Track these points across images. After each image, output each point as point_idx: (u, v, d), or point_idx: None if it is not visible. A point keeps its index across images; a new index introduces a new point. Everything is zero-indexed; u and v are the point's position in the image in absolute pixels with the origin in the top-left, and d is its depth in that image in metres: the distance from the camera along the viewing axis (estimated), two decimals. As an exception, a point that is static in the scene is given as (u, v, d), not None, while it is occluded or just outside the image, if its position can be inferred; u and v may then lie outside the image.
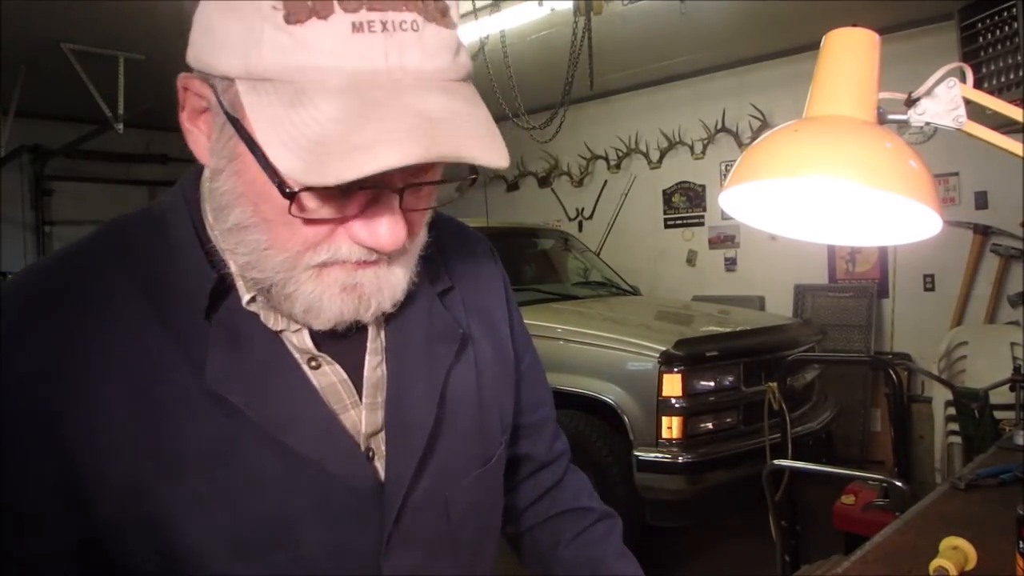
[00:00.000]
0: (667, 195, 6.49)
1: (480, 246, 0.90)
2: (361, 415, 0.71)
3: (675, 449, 3.33)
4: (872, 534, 1.40)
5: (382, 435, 0.71)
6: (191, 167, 0.72)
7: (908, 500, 2.35)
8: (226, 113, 0.57)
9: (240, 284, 0.65)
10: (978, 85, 0.79)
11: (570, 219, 7.11)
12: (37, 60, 4.76)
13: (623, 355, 3.50)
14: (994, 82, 4.02)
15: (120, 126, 4.97)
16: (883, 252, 5.28)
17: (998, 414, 3.27)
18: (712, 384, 3.48)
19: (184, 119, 0.63)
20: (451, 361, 0.76)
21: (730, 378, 3.52)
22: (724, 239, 6.16)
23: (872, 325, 5.25)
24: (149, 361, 0.62)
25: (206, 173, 0.66)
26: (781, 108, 5.51)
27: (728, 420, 3.49)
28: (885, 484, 2.88)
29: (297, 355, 0.68)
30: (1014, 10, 3.90)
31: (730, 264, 6.14)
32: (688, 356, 3.37)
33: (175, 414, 0.62)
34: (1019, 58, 3.91)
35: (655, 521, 3.42)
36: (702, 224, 6.29)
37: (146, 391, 0.62)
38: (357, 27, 0.52)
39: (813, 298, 5.60)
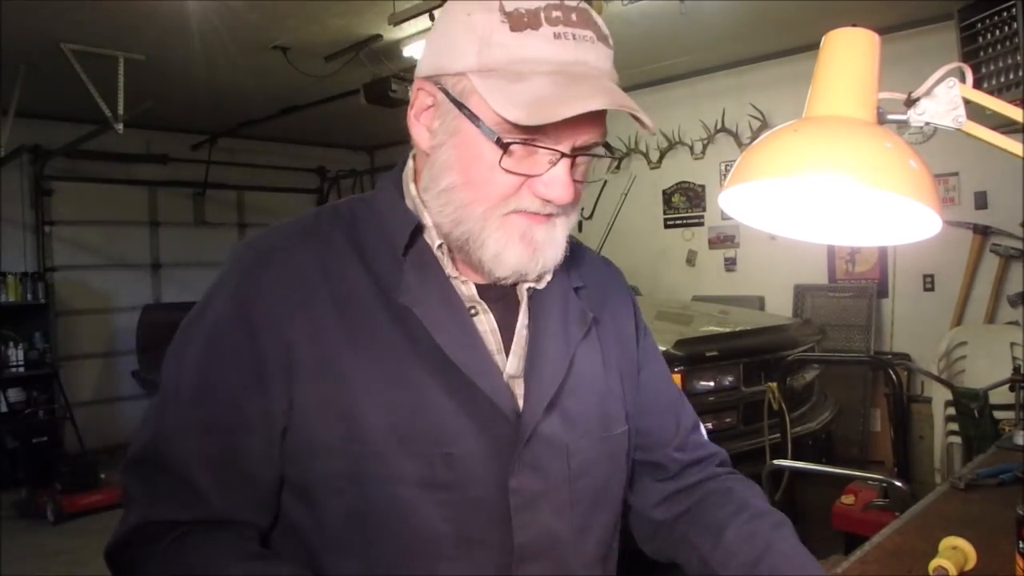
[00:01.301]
0: (667, 195, 6.49)
1: (609, 267, 1.09)
2: (506, 360, 0.88)
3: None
4: (872, 534, 1.40)
5: (520, 380, 0.87)
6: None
7: (908, 500, 2.35)
8: (454, 101, 0.80)
9: (433, 232, 0.86)
10: (978, 85, 0.79)
11: (570, 219, 7.11)
12: (37, 60, 4.76)
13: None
14: (994, 82, 4.02)
15: (120, 126, 4.96)
16: (883, 252, 5.28)
17: (998, 414, 3.27)
18: (712, 384, 3.48)
19: (412, 115, 0.86)
20: (580, 338, 0.92)
21: (730, 378, 3.52)
22: (724, 239, 6.16)
23: (872, 325, 5.25)
24: (354, 289, 0.84)
25: (409, 169, 0.91)
26: (781, 108, 5.51)
27: (728, 420, 3.49)
28: (885, 484, 2.88)
29: (464, 300, 0.87)
30: (1014, 10, 3.90)
31: (730, 264, 6.14)
32: (688, 356, 3.37)
33: (369, 326, 0.82)
34: (1019, 58, 3.91)
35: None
36: (702, 224, 6.29)
37: (350, 308, 0.83)
38: (557, 36, 0.77)
39: (813, 298, 5.60)
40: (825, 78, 0.79)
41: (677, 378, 3.33)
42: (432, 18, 4.20)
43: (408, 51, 4.79)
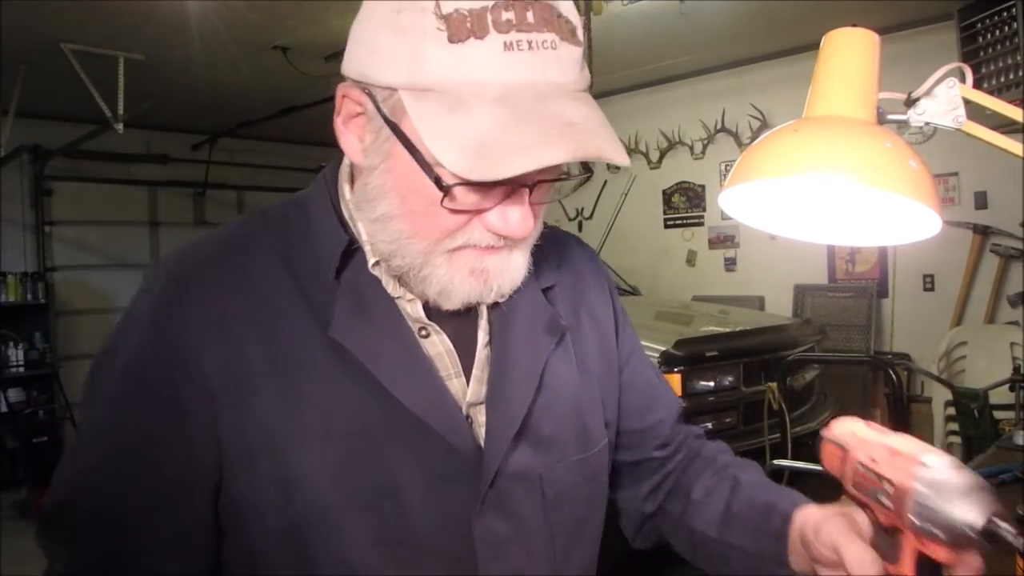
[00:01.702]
0: (667, 195, 6.49)
1: (582, 251, 0.96)
2: (465, 385, 0.78)
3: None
4: (872, 534, 1.40)
5: (482, 407, 0.77)
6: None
7: (908, 500, 2.34)
8: (385, 118, 0.67)
9: (367, 249, 0.75)
10: (978, 85, 0.79)
11: (570, 219, 7.11)
12: (37, 60, 4.75)
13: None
14: (994, 82, 4.02)
15: (120, 126, 4.96)
16: (883, 252, 5.28)
17: (998, 414, 3.27)
18: (712, 384, 3.48)
19: (339, 122, 0.72)
20: (551, 350, 0.82)
21: (730, 378, 3.52)
22: (724, 239, 6.16)
23: (872, 325, 5.25)
24: (282, 316, 0.72)
25: (345, 166, 0.79)
26: (781, 108, 5.51)
27: (728, 420, 3.49)
28: (885, 484, 2.88)
29: (410, 322, 0.76)
30: (1014, 10, 3.90)
31: (730, 264, 6.14)
32: (688, 356, 3.37)
33: (300, 360, 0.71)
34: (1019, 58, 3.91)
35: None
36: (702, 224, 6.29)
37: (277, 340, 0.72)
38: (508, 46, 0.62)
39: (813, 298, 5.60)
40: (825, 78, 0.79)
41: (677, 378, 3.33)
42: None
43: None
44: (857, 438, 0.68)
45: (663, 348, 3.38)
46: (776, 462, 2.84)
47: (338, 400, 0.71)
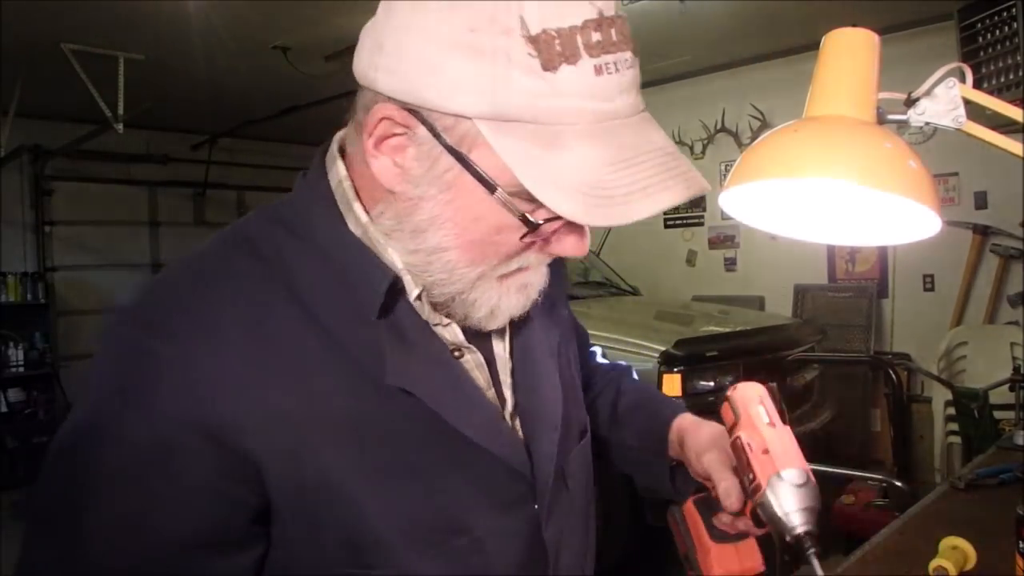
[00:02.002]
0: (667, 195, 6.48)
1: None
2: (496, 396, 0.75)
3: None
4: (872, 534, 1.40)
5: (516, 415, 0.76)
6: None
7: (908, 500, 2.35)
8: (450, 149, 0.60)
9: (408, 280, 0.68)
10: (977, 85, 0.79)
11: (570, 219, 7.10)
12: (37, 60, 4.75)
13: (623, 355, 3.50)
14: (993, 82, 4.02)
15: (120, 126, 4.96)
16: (883, 252, 5.28)
17: (998, 414, 3.27)
18: (712, 384, 3.47)
19: (369, 144, 0.64)
20: (557, 341, 0.82)
21: (730, 378, 3.52)
22: (724, 239, 6.16)
23: (872, 325, 5.24)
24: (312, 359, 0.63)
25: (344, 182, 0.69)
26: (781, 108, 5.50)
27: (728, 420, 3.48)
28: (885, 484, 2.88)
29: (447, 345, 0.72)
30: (1014, 10, 3.90)
31: (730, 264, 6.14)
32: (688, 356, 3.37)
33: (355, 410, 0.64)
34: (1019, 58, 3.91)
35: (657, 522, 3.42)
36: (702, 224, 6.29)
37: (314, 393, 0.63)
38: (599, 70, 0.57)
39: (813, 298, 5.59)
40: (825, 78, 0.79)
41: (677, 378, 3.33)
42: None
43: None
44: (748, 416, 0.80)
45: (663, 348, 3.38)
46: (776, 462, 2.83)
47: (403, 449, 0.66)
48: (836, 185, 0.73)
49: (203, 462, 0.60)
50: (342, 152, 0.71)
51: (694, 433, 0.89)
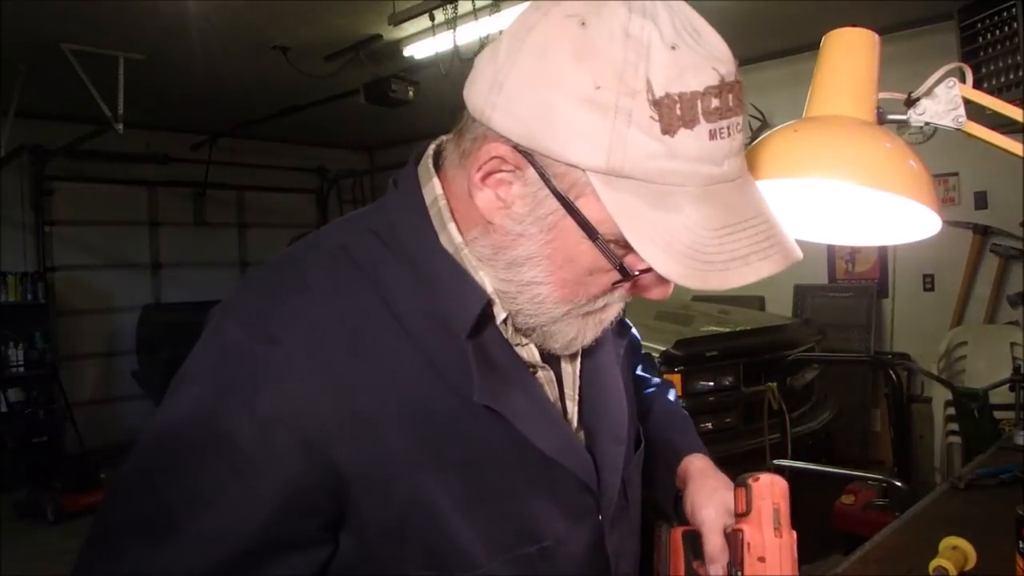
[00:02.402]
0: (667, 195, 6.48)
1: None
2: (568, 409, 0.77)
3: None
4: (872, 534, 1.40)
5: (581, 428, 0.78)
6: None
7: (908, 500, 2.35)
8: (559, 196, 0.62)
9: (497, 304, 0.69)
10: (978, 85, 0.79)
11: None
12: (37, 60, 4.75)
13: (623, 355, 3.50)
14: (994, 82, 4.02)
15: (120, 126, 4.96)
16: (883, 252, 5.28)
17: (998, 414, 3.27)
18: (711, 384, 3.47)
19: (477, 177, 0.65)
20: (620, 353, 0.83)
21: (729, 378, 3.52)
22: (724, 239, 6.15)
23: (872, 325, 5.24)
24: (405, 374, 0.66)
25: (440, 199, 0.70)
26: (781, 108, 5.50)
27: (728, 420, 3.49)
28: (885, 484, 2.88)
29: (525, 363, 0.73)
30: (1014, 10, 3.90)
31: (730, 264, 6.13)
32: (688, 356, 3.37)
33: (440, 428, 0.66)
34: (1019, 58, 3.91)
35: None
36: (702, 224, 6.28)
37: (414, 410, 0.65)
38: (713, 134, 0.59)
39: (813, 298, 5.59)
40: (825, 78, 0.79)
41: (677, 378, 3.33)
42: (432, 18, 4.20)
43: (408, 51, 4.79)
44: (759, 516, 0.80)
45: (663, 348, 3.37)
46: (776, 462, 2.84)
47: (484, 463, 0.68)
48: (836, 185, 0.73)
49: (293, 466, 0.62)
50: (437, 165, 0.72)
51: (699, 483, 0.91)
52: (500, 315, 0.70)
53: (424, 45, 4.63)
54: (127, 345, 6.60)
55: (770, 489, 0.80)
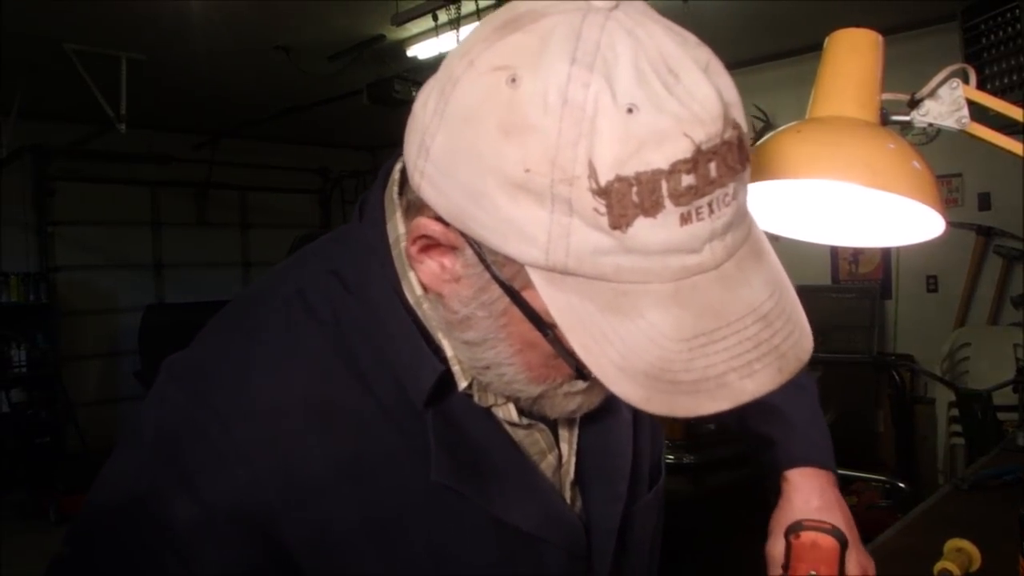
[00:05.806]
0: (669, 196, 6.48)
1: None
2: (568, 458, 0.68)
3: (678, 451, 3.32)
4: (875, 535, 1.40)
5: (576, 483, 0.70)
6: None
7: (911, 501, 2.34)
8: (501, 283, 0.52)
9: (457, 370, 0.61)
10: (981, 86, 0.79)
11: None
12: (39, 60, 4.76)
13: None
14: (997, 83, 4.01)
15: (122, 126, 4.96)
16: (886, 253, 5.27)
17: (1001, 415, 3.27)
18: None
19: (413, 250, 0.56)
20: None
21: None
22: (726, 240, 6.15)
23: (875, 326, 5.23)
24: (377, 454, 0.59)
25: (401, 240, 0.60)
26: (784, 109, 5.49)
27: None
28: (888, 485, 2.88)
29: (505, 425, 0.65)
30: (1017, 11, 3.89)
31: (732, 265, 6.13)
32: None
33: (402, 508, 0.60)
34: (1022, 59, 3.90)
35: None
36: (704, 225, 6.28)
37: (372, 485, 0.59)
38: (686, 218, 0.45)
39: (816, 299, 5.59)
40: (828, 79, 0.78)
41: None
42: (435, 18, 4.20)
43: (412, 51, 4.79)
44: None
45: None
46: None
47: (448, 546, 0.61)
48: (839, 186, 0.73)
49: (238, 552, 0.58)
50: (403, 190, 0.61)
51: (781, 507, 0.92)
52: (461, 383, 0.61)
53: (427, 45, 4.64)
54: (129, 345, 6.59)
55: (811, 552, 0.74)
